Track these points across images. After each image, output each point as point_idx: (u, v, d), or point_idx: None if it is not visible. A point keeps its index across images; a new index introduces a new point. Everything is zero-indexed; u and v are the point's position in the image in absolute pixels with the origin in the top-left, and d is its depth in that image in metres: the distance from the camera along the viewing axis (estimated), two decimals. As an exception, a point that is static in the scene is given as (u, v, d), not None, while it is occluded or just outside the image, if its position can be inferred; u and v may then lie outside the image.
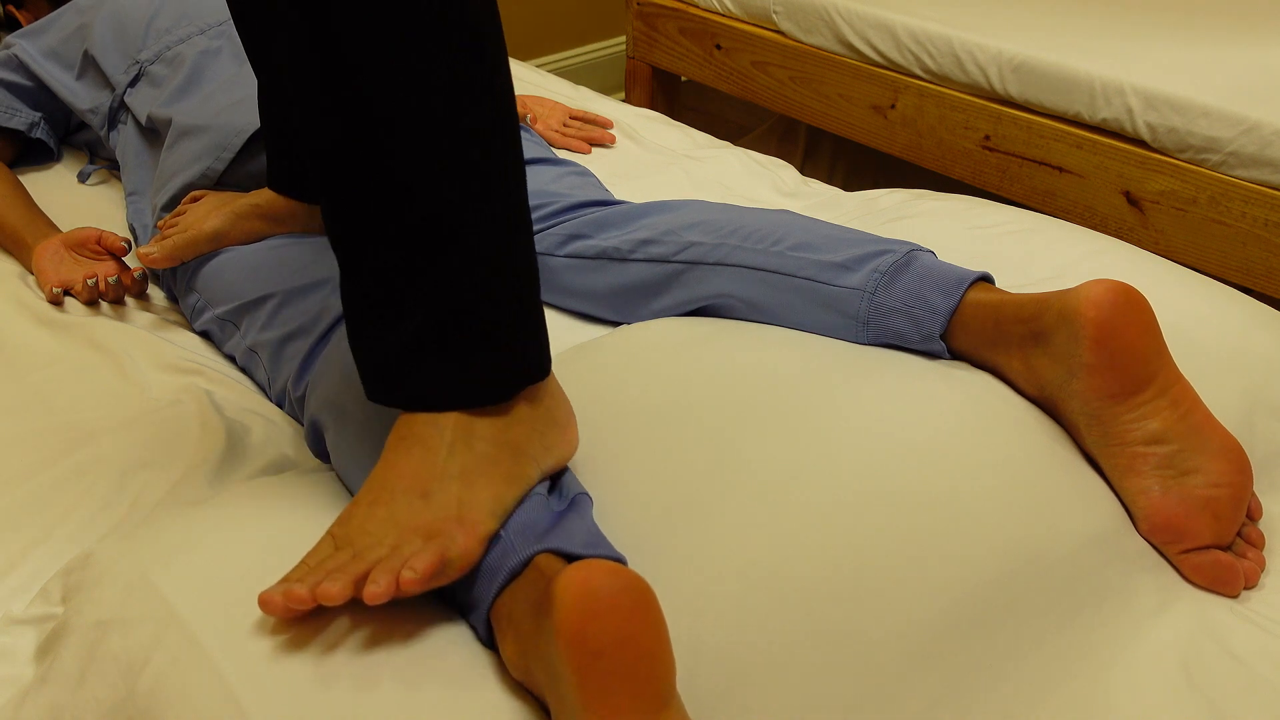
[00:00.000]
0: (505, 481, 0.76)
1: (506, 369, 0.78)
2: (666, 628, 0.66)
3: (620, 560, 0.78)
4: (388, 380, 0.77)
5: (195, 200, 1.21)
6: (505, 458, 0.77)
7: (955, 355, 1.00)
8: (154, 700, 0.71)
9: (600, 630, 0.63)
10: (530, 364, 0.79)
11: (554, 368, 0.94)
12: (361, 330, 0.78)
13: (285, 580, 0.73)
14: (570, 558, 0.75)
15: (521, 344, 0.78)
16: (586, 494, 0.83)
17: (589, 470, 0.88)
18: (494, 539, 0.75)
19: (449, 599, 0.79)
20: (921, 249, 1.03)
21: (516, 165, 0.77)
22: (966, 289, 0.97)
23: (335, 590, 0.69)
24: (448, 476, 0.75)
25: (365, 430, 0.88)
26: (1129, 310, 0.87)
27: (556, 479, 0.84)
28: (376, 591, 0.69)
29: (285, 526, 0.84)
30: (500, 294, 0.76)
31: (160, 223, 1.22)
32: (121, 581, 0.79)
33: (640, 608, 0.65)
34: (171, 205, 1.24)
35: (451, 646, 0.76)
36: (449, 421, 0.76)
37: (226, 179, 1.24)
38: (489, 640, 0.76)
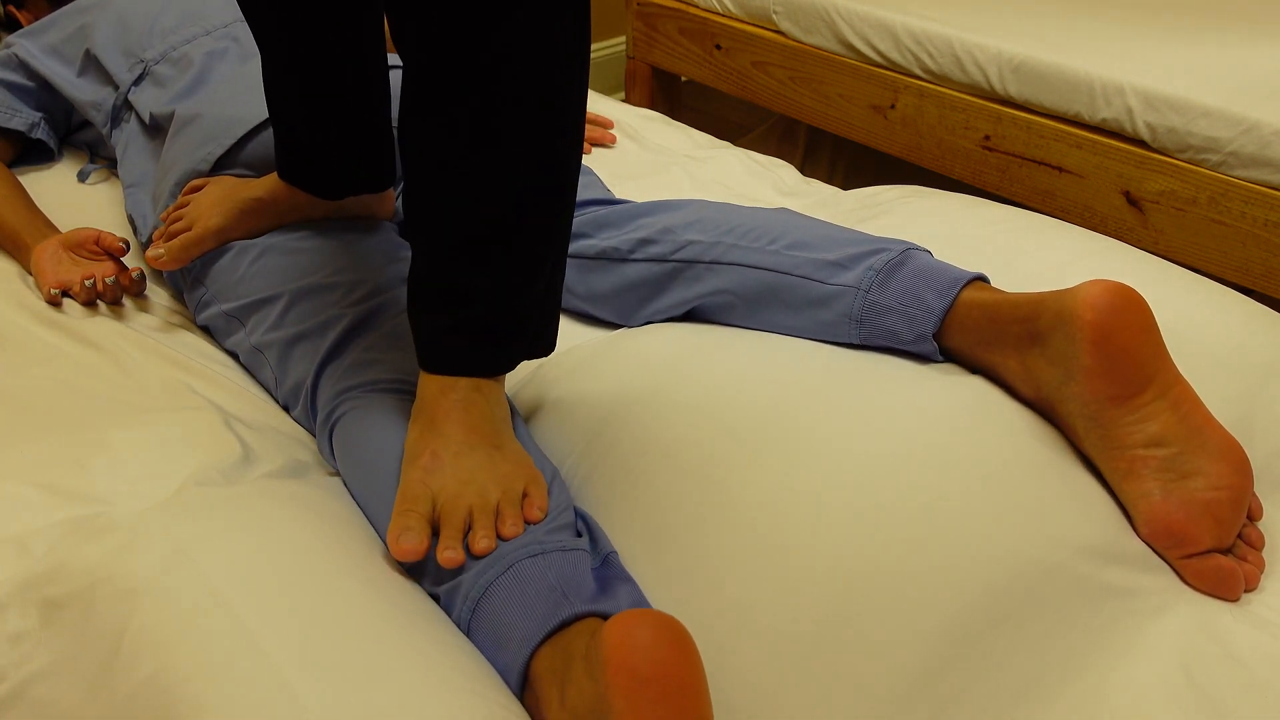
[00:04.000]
0: (515, 437, 0.92)
1: (533, 350, 0.94)
2: (702, 665, 0.69)
3: None
4: (441, 354, 0.90)
5: (196, 190, 1.21)
6: (508, 418, 0.92)
7: (949, 355, 0.99)
8: (194, 673, 0.71)
9: (645, 660, 0.67)
10: (551, 343, 0.95)
11: (550, 383, 1.03)
12: (422, 309, 0.90)
13: (405, 529, 0.82)
14: None
15: (549, 330, 0.94)
16: (615, 552, 0.86)
17: (585, 494, 0.90)
18: (547, 581, 0.79)
19: (479, 623, 0.80)
20: (917, 248, 1.03)
21: (577, 171, 0.90)
22: (961, 288, 0.97)
23: (485, 546, 0.81)
24: (500, 433, 0.89)
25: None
26: (1127, 311, 0.86)
27: (588, 532, 0.87)
28: (516, 532, 0.82)
29: (315, 524, 0.85)
30: (546, 292, 0.91)
31: (163, 214, 1.22)
32: (156, 553, 0.79)
33: (680, 644, 0.68)
34: (174, 193, 1.24)
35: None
36: (483, 387, 0.89)
37: (225, 163, 1.24)
38: (519, 688, 0.77)
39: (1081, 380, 0.87)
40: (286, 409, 1.11)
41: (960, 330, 0.97)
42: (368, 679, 0.71)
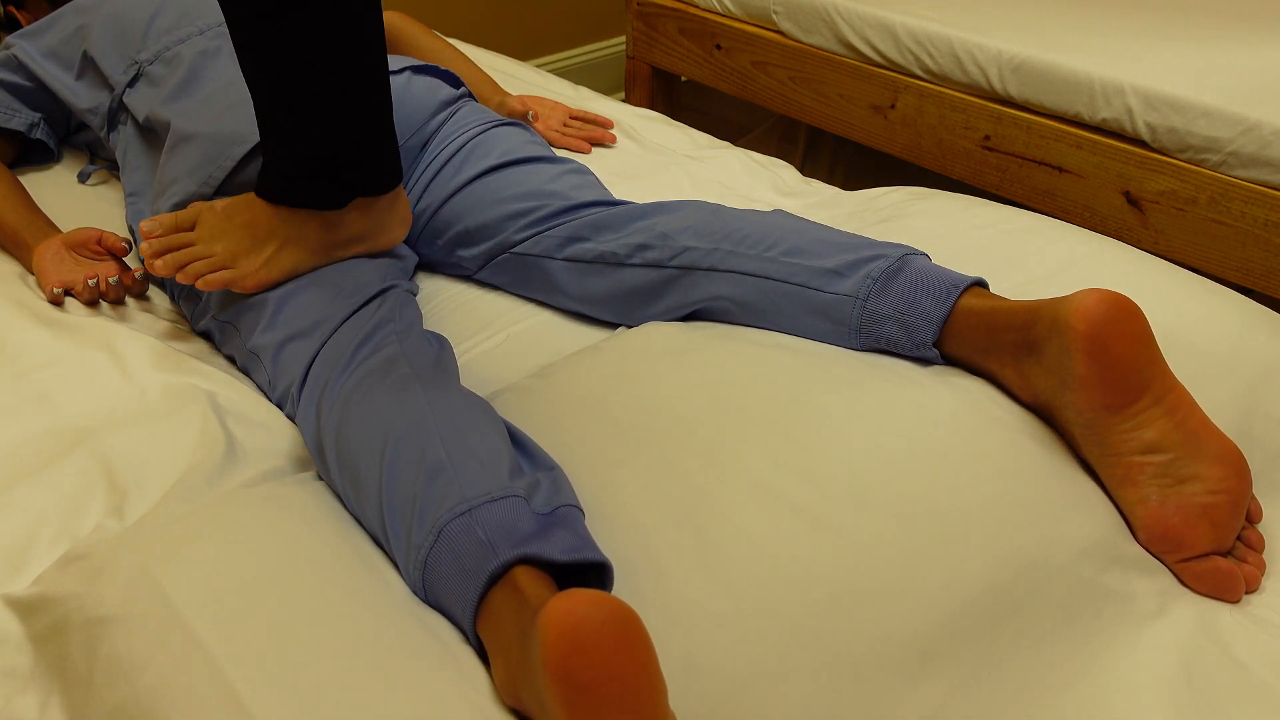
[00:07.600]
0: (309, 254, 1.10)
1: (350, 189, 1.08)
2: (654, 654, 0.67)
3: (605, 564, 0.79)
4: (264, 184, 1.09)
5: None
6: (322, 244, 1.09)
7: (949, 361, 0.99)
8: (157, 700, 0.71)
9: (586, 664, 0.63)
10: (369, 185, 1.09)
11: (552, 373, 1.00)
12: (266, 155, 1.07)
13: (157, 223, 1.10)
14: (551, 565, 0.76)
15: (366, 173, 1.08)
16: (578, 507, 0.83)
17: (584, 481, 0.89)
18: (474, 538, 0.77)
19: (433, 600, 0.80)
20: (915, 252, 1.03)
21: (379, 37, 1.02)
22: (959, 295, 0.97)
23: (165, 270, 1.09)
24: (272, 238, 1.09)
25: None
26: (1120, 320, 0.86)
27: (548, 483, 0.84)
28: (187, 278, 1.08)
29: (284, 530, 0.84)
30: (352, 138, 1.05)
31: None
32: (122, 578, 0.79)
33: (626, 639, 0.65)
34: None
35: (449, 654, 0.76)
36: (291, 214, 1.08)
37: (225, 187, 1.24)
38: (480, 648, 0.77)
39: (1076, 389, 0.87)
40: (280, 408, 1.11)
41: (958, 338, 0.97)
42: (325, 695, 0.70)
